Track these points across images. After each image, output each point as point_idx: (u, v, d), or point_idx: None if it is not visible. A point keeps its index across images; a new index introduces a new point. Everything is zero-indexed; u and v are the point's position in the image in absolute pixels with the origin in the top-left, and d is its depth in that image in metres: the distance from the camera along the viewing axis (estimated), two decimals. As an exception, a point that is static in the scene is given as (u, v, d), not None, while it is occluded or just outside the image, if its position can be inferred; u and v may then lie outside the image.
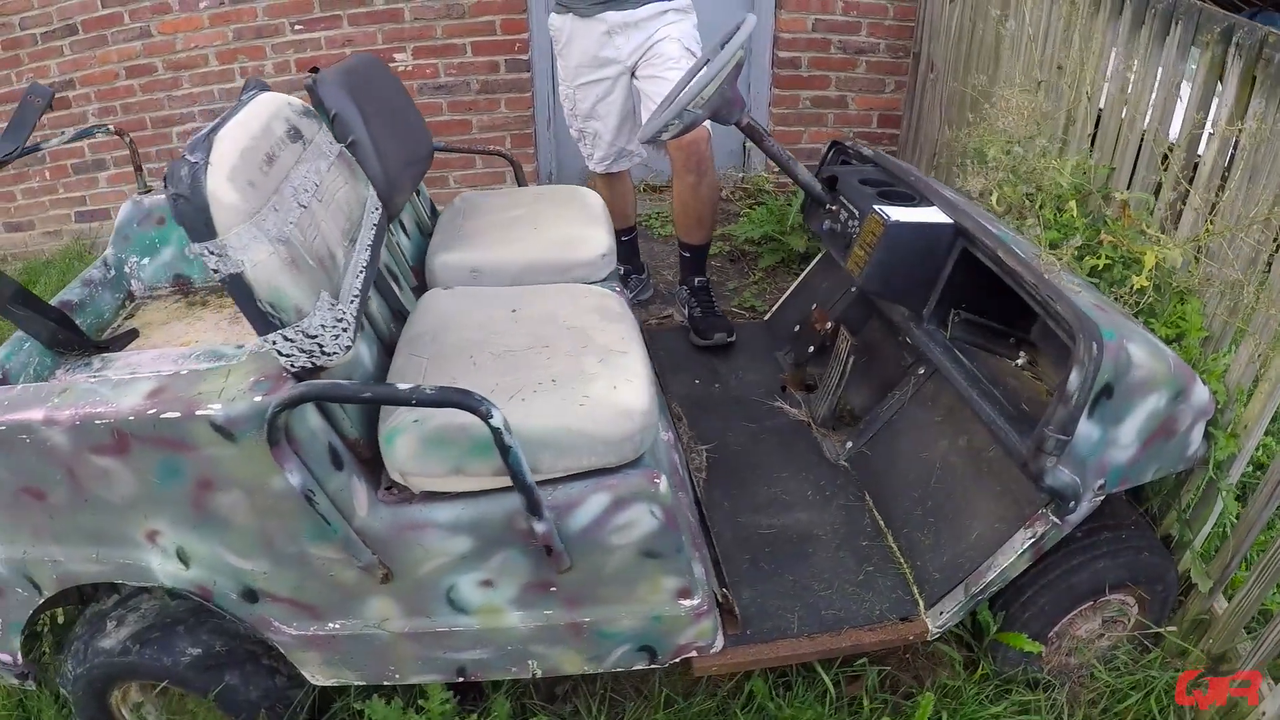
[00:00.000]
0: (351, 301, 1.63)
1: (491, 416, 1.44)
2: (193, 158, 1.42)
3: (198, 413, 1.52)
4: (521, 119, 4.28)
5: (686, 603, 1.72)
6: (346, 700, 2.01)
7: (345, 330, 1.55)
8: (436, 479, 1.61)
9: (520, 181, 2.90)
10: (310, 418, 1.56)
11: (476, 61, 4.12)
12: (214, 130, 1.52)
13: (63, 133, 2.52)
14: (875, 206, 2.10)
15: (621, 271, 3.54)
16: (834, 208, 2.31)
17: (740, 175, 4.45)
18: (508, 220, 2.50)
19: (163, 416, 1.52)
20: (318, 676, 1.84)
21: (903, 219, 2.05)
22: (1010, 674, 2.00)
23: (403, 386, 1.49)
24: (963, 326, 2.09)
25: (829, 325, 2.46)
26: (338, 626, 1.75)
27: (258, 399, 1.51)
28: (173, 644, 1.83)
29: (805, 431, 2.41)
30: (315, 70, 2.19)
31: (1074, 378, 1.63)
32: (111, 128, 2.58)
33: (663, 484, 1.62)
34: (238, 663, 1.86)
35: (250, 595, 1.72)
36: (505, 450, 1.48)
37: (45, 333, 2.14)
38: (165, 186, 1.42)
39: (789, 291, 2.91)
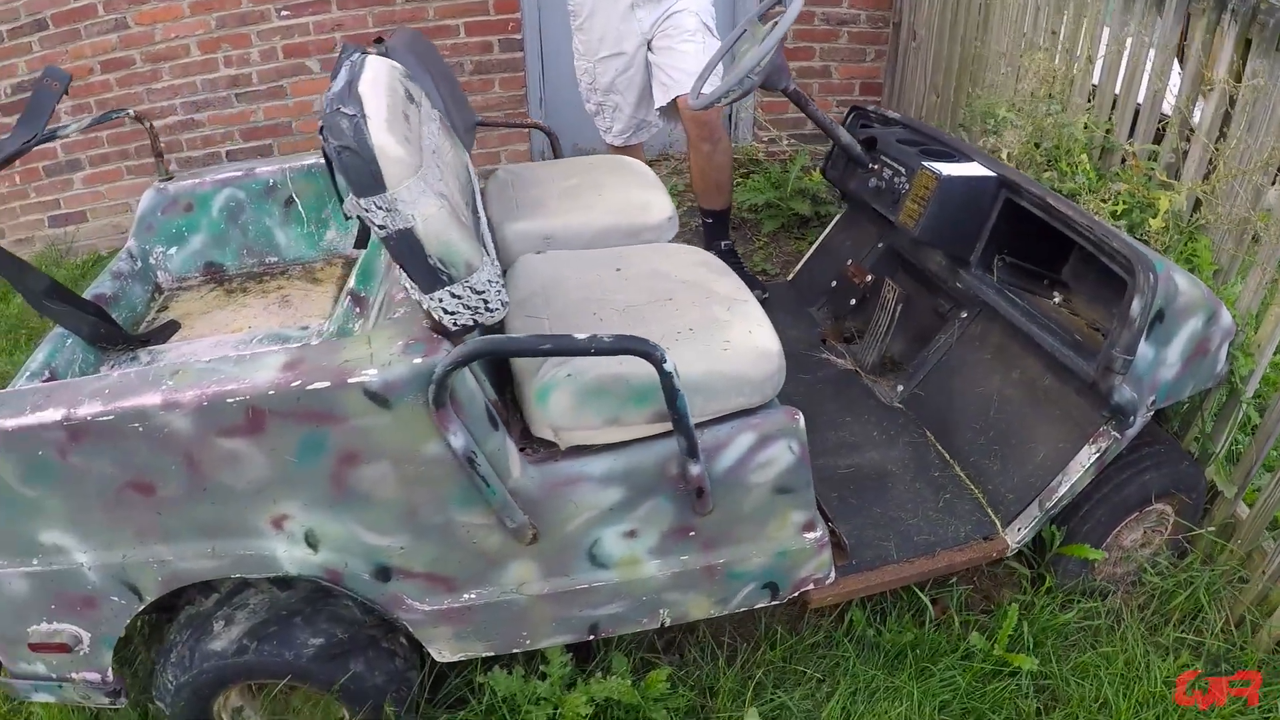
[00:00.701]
0: (495, 261, 1.67)
1: (665, 362, 1.51)
2: (348, 110, 1.40)
3: (350, 380, 1.49)
4: (515, 98, 4.32)
5: (811, 535, 1.85)
6: (467, 675, 2.05)
7: (504, 286, 1.58)
8: (591, 431, 1.66)
9: (558, 153, 2.97)
10: (469, 378, 1.56)
11: (470, 42, 4.14)
12: (351, 84, 1.50)
13: (81, 119, 2.44)
14: (924, 163, 2.29)
15: None
16: (876, 167, 2.49)
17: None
18: (567, 189, 2.57)
19: (309, 388, 1.49)
20: (445, 653, 1.84)
21: (953, 174, 2.23)
22: (1070, 585, 2.21)
23: (580, 336, 1.50)
24: (1006, 270, 2.29)
25: (868, 278, 2.64)
26: (474, 596, 1.77)
27: (417, 361, 1.49)
28: (293, 637, 1.78)
29: (855, 379, 2.58)
30: (380, 40, 2.18)
31: (1136, 304, 1.84)
32: (132, 112, 2.51)
33: (801, 420, 1.76)
34: (361, 648, 1.83)
35: (383, 574, 1.71)
36: (674, 395, 1.54)
37: (86, 328, 2.06)
38: (324, 138, 1.40)
39: (811, 251, 3.06)
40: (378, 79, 1.63)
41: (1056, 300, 2.26)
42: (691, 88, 2.60)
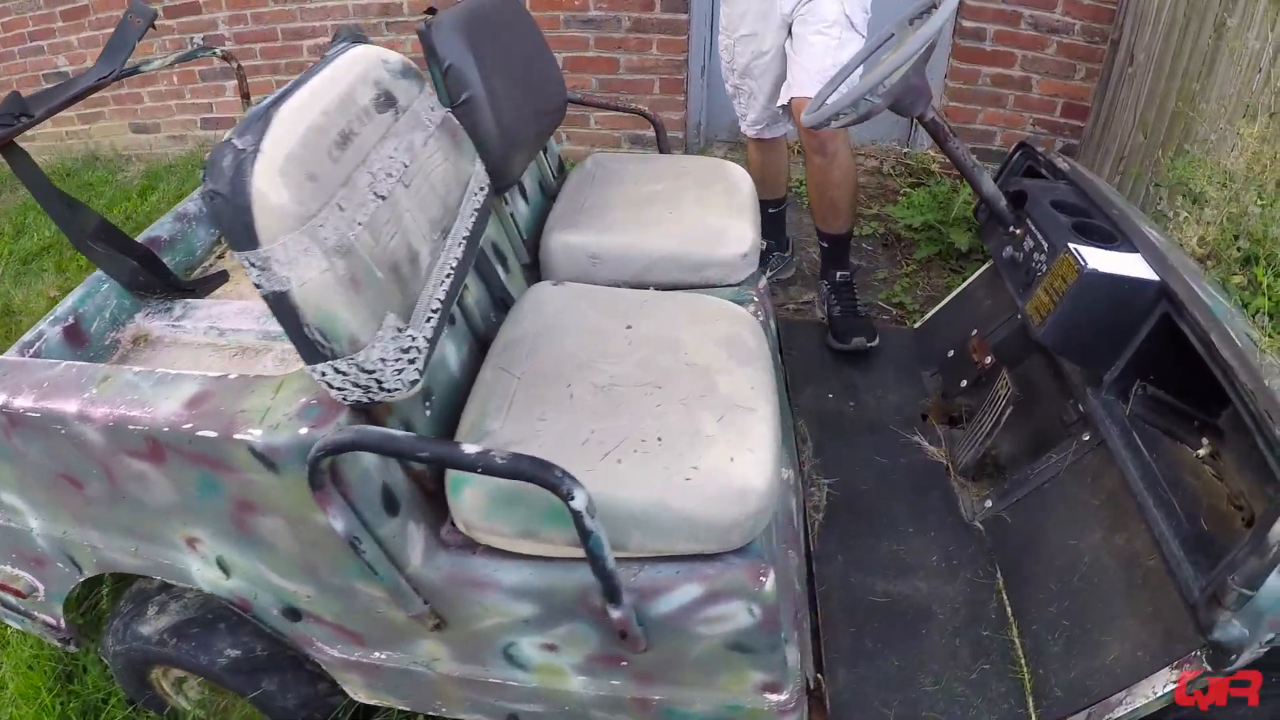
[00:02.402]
0: (428, 320, 1.41)
1: (573, 498, 1.21)
2: (240, 143, 1.19)
3: (236, 436, 1.33)
4: (673, 63, 3.97)
5: (773, 698, 1.50)
6: (391, 715, 1.89)
7: (413, 362, 1.34)
8: (504, 539, 1.42)
9: (662, 145, 2.63)
10: (363, 456, 1.37)
11: (630, -3, 3.82)
12: (276, 103, 1.27)
13: (164, 55, 2.34)
14: (1070, 245, 1.78)
15: (764, 247, 3.27)
16: (1018, 231, 2.00)
17: (905, 150, 4.08)
18: (642, 196, 2.24)
19: (198, 434, 1.35)
20: (360, 695, 1.72)
21: (1101, 268, 1.73)
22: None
23: (469, 450, 1.24)
24: (1145, 402, 1.78)
25: (989, 361, 2.17)
26: (384, 657, 1.61)
27: (303, 431, 1.31)
28: (212, 642, 1.72)
29: (941, 476, 2.16)
30: (432, 11, 1.94)
31: (1278, 530, 1.33)
32: (219, 51, 2.39)
33: (769, 581, 1.38)
34: (278, 669, 1.76)
35: (292, 613, 1.59)
36: (586, 535, 1.25)
37: (125, 273, 2.01)
38: (203, 179, 1.21)
39: (944, 302, 2.61)
40: (328, 86, 1.39)
41: (1201, 452, 1.72)
42: (816, 95, 2.17)
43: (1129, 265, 1.76)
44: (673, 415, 1.49)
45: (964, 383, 2.25)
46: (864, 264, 3.43)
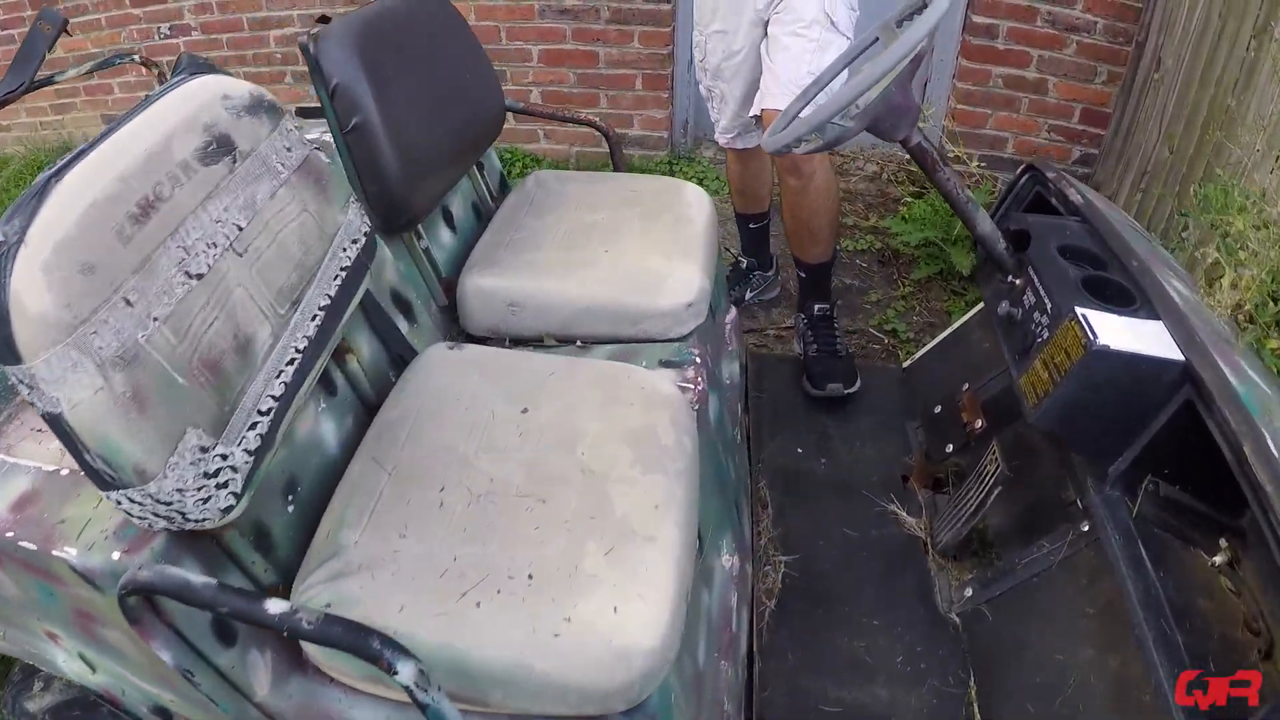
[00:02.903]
0: (253, 426, 1.16)
1: (398, 673, 0.99)
2: (1, 232, 0.97)
3: (54, 552, 1.16)
4: (657, 57, 3.67)
5: None
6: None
7: (224, 487, 1.10)
8: (353, 680, 1.20)
9: (616, 162, 2.33)
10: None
11: (612, -15, 3.52)
12: (61, 171, 1.04)
13: (81, 65, 2.18)
14: (1078, 310, 1.48)
15: (744, 265, 2.99)
16: (1018, 282, 1.70)
17: (907, 156, 3.74)
18: (579, 228, 1.96)
19: (20, 544, 1.19)
20: None
21: (1113, 344, 1.42)
22: None
23: (273, 610, 1.04)
24: (1155, 501, 1.49)
25: (979, 424, 1.88)
26: None
27: (115, 556, 1.13)
28: None
29: (917, 555, 1.88)
30: (325, 20, 1.64)
31: None
32: (138, 57, 2.21)
33: None
34: None
35: (163, 713, 1.40)
36: (422, 707, 1.02)
37: None
38: None
39: (936, 341, 2.32)
40: (132, 141, 1.14)
41: (1217, 560, 1.44)
42: (785, 110, 1.87)
43: (1148, 339, 1.45)
44: (552, 543, 1.22)
45: (950, 447, 1.97)
46: (857, 283, 3.14)
